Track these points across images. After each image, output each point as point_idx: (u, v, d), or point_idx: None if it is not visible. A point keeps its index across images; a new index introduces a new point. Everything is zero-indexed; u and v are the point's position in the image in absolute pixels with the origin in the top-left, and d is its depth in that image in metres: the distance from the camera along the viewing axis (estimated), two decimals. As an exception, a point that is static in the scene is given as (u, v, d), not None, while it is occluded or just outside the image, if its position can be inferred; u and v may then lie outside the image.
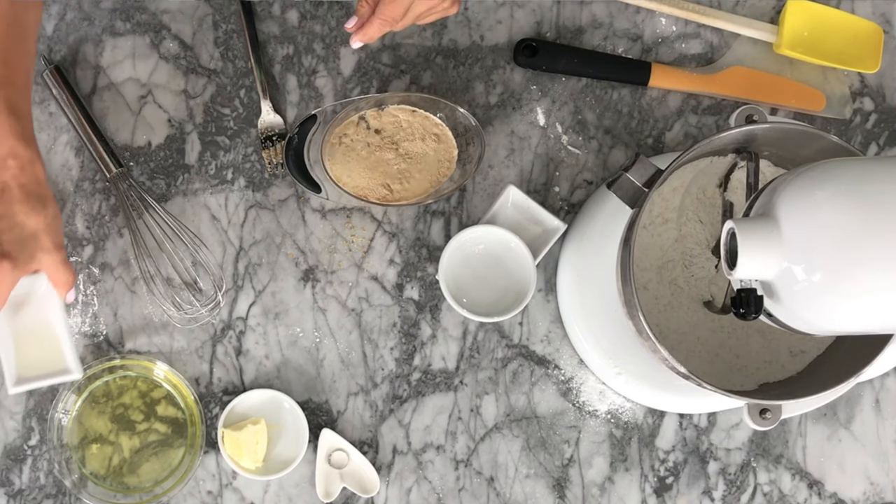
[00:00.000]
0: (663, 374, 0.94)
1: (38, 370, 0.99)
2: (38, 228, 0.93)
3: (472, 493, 1.12)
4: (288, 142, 1.09)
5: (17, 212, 0.92)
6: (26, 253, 0.92)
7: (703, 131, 1.17)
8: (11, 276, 0.91)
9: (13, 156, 0.92)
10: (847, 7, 1.19)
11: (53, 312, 0.98)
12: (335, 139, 1.10)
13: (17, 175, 0.92)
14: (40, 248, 0.93)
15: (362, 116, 1.11)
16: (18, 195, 0.92)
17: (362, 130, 1.11)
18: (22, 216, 0.92)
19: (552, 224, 1.11)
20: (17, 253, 0.91)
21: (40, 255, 0.93)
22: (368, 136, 1.10)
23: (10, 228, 0.91)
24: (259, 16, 1.14)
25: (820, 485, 1.14)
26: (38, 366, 0.99)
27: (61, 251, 0.95)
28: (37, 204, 0.93)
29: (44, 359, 0.99)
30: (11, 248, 0.91)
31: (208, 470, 1.10)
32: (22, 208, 0.92)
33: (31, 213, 0.92)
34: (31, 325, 0.99)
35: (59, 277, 0.96)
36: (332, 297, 1.12)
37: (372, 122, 1.11)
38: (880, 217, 0.75)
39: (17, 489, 1.09)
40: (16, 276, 0.92)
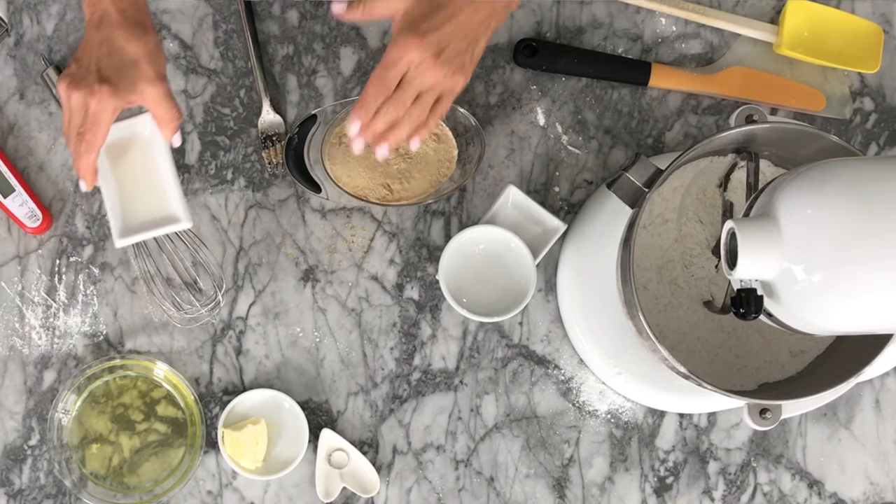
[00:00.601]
0: (663, 374, 0.94)
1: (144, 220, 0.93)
2: (139, 55, 0.89)
3: (472, 493, 1.12)
4: (288, 142, 1.09)
5: (117, 37, 0.88)
6: (126, 80, 0.89)
7: (703, 131, 1.17)
8: (112, 102, 0.88)
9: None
10: (847, 7, 1.19)
11: (159, 157, 0.93)
12: (335, 139, 1.10)
13: (117, 1, 0.89)
14: (142, 76, 0.89)
15: None
16: (117, 20, 0.88)
17: None
18: (121, 41, 0.88)
19: (552, 224, 1.11)
20: (117, 79, 0.88)
21: (142, 85, 0.89)
22: None
23: (109, 54, 0.88)
24: (259, 16, 1.14)
25: (820, 485, 1.14)
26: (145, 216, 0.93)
27: (164, 83, 0.91)
28: (137, 30, 0.89)
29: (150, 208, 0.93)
30: (111, 73, 0.88)
31: (208, 470, 1.10)
32: (121, 33, 0.88)
33: (130, 39, 0.89)
34: (135, 173, 0.93)
35: (163, 112, 0.92)
36: (332, 296, 1.12)
37: None
38: (880, 217, 0.75)
39: (17, 489, 1.09)
40: (116, 103, 0.88)
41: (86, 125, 0.89)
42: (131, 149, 0.93)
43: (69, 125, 0.90)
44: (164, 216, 0.93)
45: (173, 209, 0.93)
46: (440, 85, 0.94)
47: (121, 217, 0.93)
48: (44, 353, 1.10)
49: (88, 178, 0.91)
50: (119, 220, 0.93)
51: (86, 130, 0.89)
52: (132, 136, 0.92)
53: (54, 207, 1.12)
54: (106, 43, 0.88)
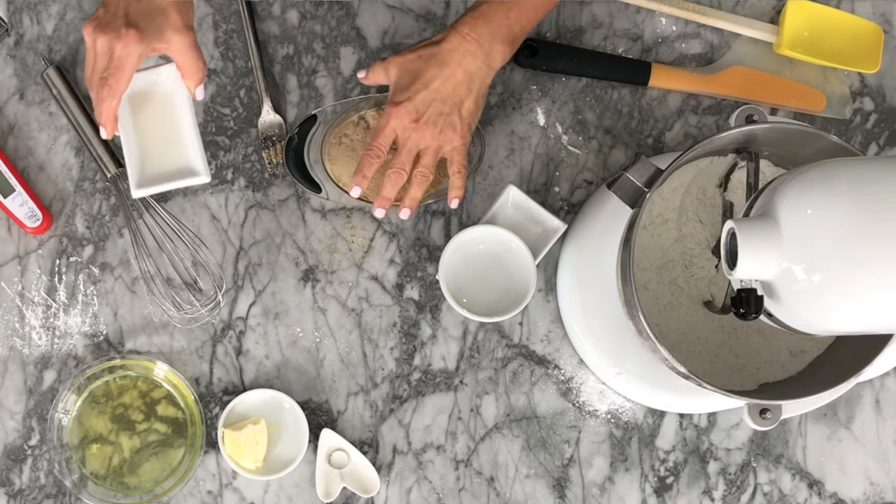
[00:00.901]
0: (663, 374, 0.94)
1: (162, 172, 0.92)
2: (168, 3, 0.89)
3: (473, 493, 1.12)
4: (288, 142, 1.09)
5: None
6: (154, 27, 0.88)
7: (703, 131, 1.17)
8: (138, 47, 0.88)
9: None
10: (847, 7, 1.19)
11: (181, 109, 0.92)
12: (335, 139, 1.10)
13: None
14: (169, 24, 0.89)
15: (362, 116, 1.11)
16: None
17: (361, 130, 1.11)
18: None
19: (552, 224, 1.11)
20: (144, 25, 0.88)
21: (169, 33, 0.89)
22: (368, 136, 1.10)
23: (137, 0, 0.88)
24: (259, 16, 1.14)
25: (820, 485, 1.14)
26: (163, 167, 0.92)
27: (191, 33, 0.91)
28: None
29: (169, 160, 0.92)
30: (139, 19, 0.88)
31: (208, 470, 1.10)
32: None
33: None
34: (156, 124, 0.92)
35: (188, 63, 0.91)
36: (332, 297, 1.12)
37: (372, 122, 1.11)
38: (880, 217, 0.75)
39: (17, 489, 1.09)
40: (142, 49, 0.88)
41: (110, 70, 0.88)
42: (153, 99, 0.92)
43: (92, 70, 0.90)
44: (183, 168, 0.92)
45: (192, 162, 0.92)
46: (433, 145, 1.04)
47: (138, 168, 0.92)
48: (44, 353, 1.10)
49: (109, 125, 0.91)
50: (137, 171, 0.92)
51: (109, 75, 0.89)
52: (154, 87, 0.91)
53: (54, 207, 1.12)
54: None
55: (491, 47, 1.03)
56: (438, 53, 1.03)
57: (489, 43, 1.03)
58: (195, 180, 0.92)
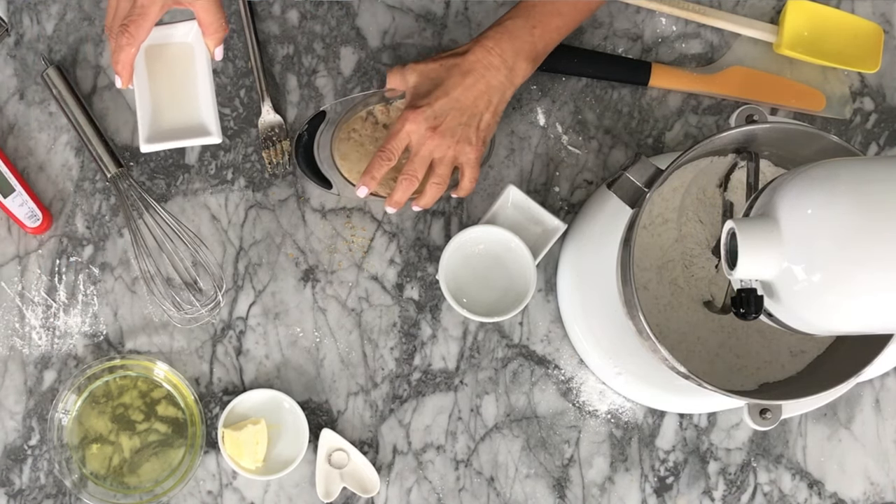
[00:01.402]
0: (663, 374, 0.94)
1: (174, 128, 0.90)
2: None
3: (473, 493, 1.12)
4: (298, 138, 1.09)
5: None
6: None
7: (703, 131, 1.17)
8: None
9: None
10: (847, 7, 1.19)
11: (199, 67, 0.90)
12: (344, 134, 1.10)
13: None
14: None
15: (370, 111, 1.11)
16: None
17: (370, 125, 1.10)
18: None
19: (552, 224, 1.11)
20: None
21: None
22: (377, 132, 1.10)
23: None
24: (259, 16, 1.14)
25: (820, 485, 1.14)
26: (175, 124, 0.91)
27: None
28: None
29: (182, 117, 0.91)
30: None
31: (208, 470, 1.10)
32: None
33: None
34: (172, 79, 0.91)
35: (210, 20, 0.90)
36: (332, 297, 1.12)
37: (380, 117, 1.11)
38: (880, 217, 0.75)
39: (17, 489, 1.09)
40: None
41: (131, 17, 0.87)
42: (171, 55, 0.90)
43: (114, 16, 0.89)
44: (195, 126, 0.90)
45: (205, 121, 0.90)
46: (448, 155, 1.03)
47: (150, 123, 0.90)
48: (44, 353, 1.10)
49: (125, 74, 0.89)
50: (148, 126, 0.90)
51: (130, 22, 0.87)
52: (173, 43, 0.89)
53: (54, 207, 1.12)
54: None
55: (514, 63, 1.02)
56: (461, 64, 1.02)
57: (513, 59, 1.02)
58: (206, 139, 0.90)
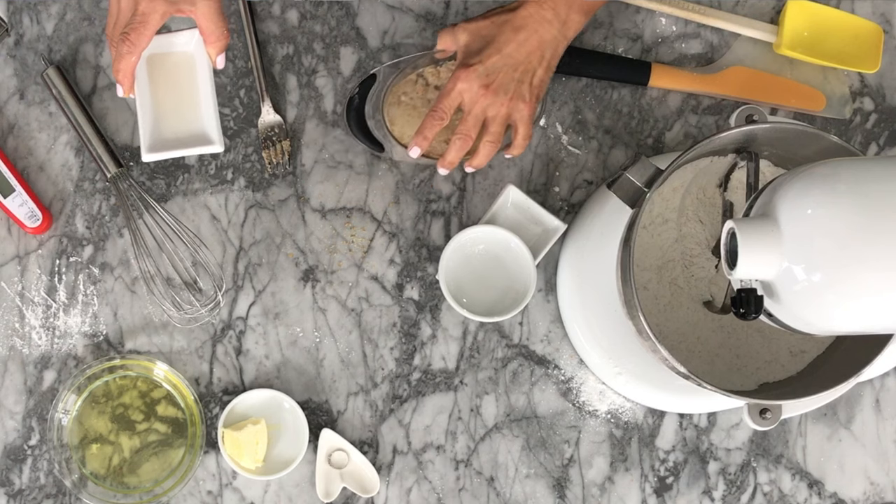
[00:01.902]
0: (663, 374, 0.94)
1: (176, 137, 0.90)
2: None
3: (473, 493, 1.12)
4: (349, 102, 1.09)
5: None
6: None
7: (703, 131, 1.17)
8: (162, 5, 0.87)
9: None
10: (847, 7, 1.19)
11: (200, 75, 0.91)
12: (394, 98, 1.09)
13: None
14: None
15: (420, 74, 1.10)
16: None
17: (420, 88, 1.10)
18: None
19: (552, 224, 1.11)
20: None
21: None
22: (428, 93, 1.10)
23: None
24: (259, 16, 1.14)
25: (820, 485, 1.14)
26: (177, 133, 0.91)
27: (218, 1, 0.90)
28: None
29: (184, 126, 0.91)
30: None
31: (208, 470, 1.10)
32: None
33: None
34: (173, 88, 0.91)
35: (212, 28, 0.90)
36: (332, 297, 1.13)
37: (430, 79, 1.10)
38: (880, 217, 0.75)
39: (17, 489, 1.09)
40: (167, 7, 0.87)
41: (132, 24, 0.87)
42: (172, 64, 0.91)
43: (115, 24, 0.88)
44: (197, 135, 0.90)
45: (207, 129, 0.90)
46: (501, 113, 1.01)
47: (151, 131, 0.90)
48: (44, 353, 1.10)
49: (126, 82, 0.89)
50: (149, 135, 0.90)
51: (131, 30, 0.87)
52: (175, 51, 0.90)
53: (54, 207, 1.12)
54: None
55: (567, 16, 1.00)
56: (513, 19, 1.00)
57: (566, 12, 1.00)
58: (209, 148, 0.90)
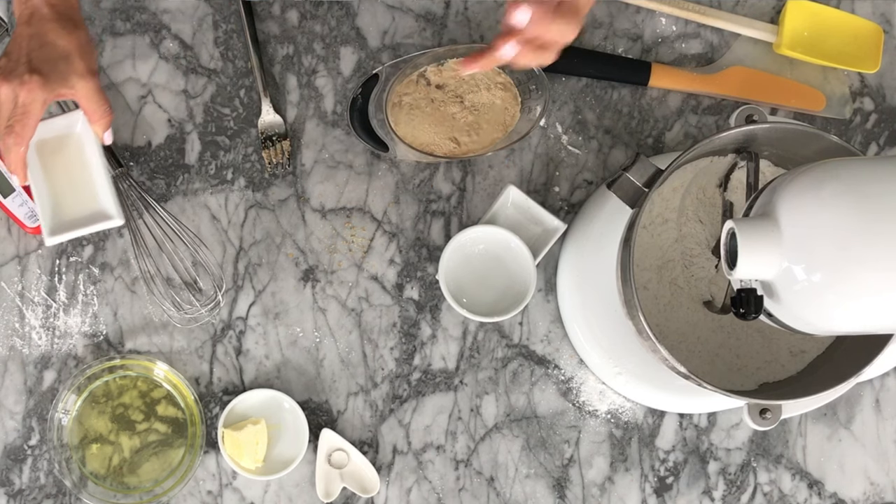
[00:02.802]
0: (663, 374, 0.94)
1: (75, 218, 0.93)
2: (70, 49, 0.89)
3: (473, 493, 1.12)
4: (352, 102, 1.09)
5: (48, 31, 0.88)
6: (57, 73, 0.88)
7: (703, 131, 1.17)
8: (42, 93, 0.88)
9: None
10: (847, 7, 1.19)
11: (91, 154, 0.93)
12: (396, 98, 1.10)
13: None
14: (73, 70, 0.89)
15: (422, 73, 1.10)
16: (48, 14, 0.88)
17: (423, 87, 1.10)
18: (52, 35, 0.88)
19: (552, 224, 1.11)
20: (47, 71, 0.88)
21: (73, 79, 0.89)
22: (431, 93, 1.10)
23: (40, 47, 0.88)
24: (259, 16, 1.14)
25: (820, 485, 1.14)
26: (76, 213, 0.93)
27: (95, 78, 0.91)
28: (68, 24, 0.89)
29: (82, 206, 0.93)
30: (42, 65, 0.88)
31: (208, 470, 1.10)
32: (52, 27, 0.88)
33: (61, 34, 0.89)
34: (66, 171, 0.93)
35: (94, 107, 0.92)
36: (332, 297, 1.13)
37: (433, 77, 1.10)
38: (880, 217, 0.75)
39: (17, 489, 1.09)
40: (46, 94, 0.88)
41: (15, 116, 0.88)
42: (64, 146, 0.93)
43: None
44: (95, 213, 0.93)
45: (104, 206, 0.93)
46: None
47: (51, 215, 0.93)
48: (44, 353, 1.10)
49: (20, 172, 0.90)
50: (49, 218, 0.93)
51: (15, 122, 0.88)
52: (65, 134, 0.92)
53: (54, 207, 1.12)
54: (37, 37, 0.88)
55: None
56: None
57: None
58: (108, 224, 0.93)
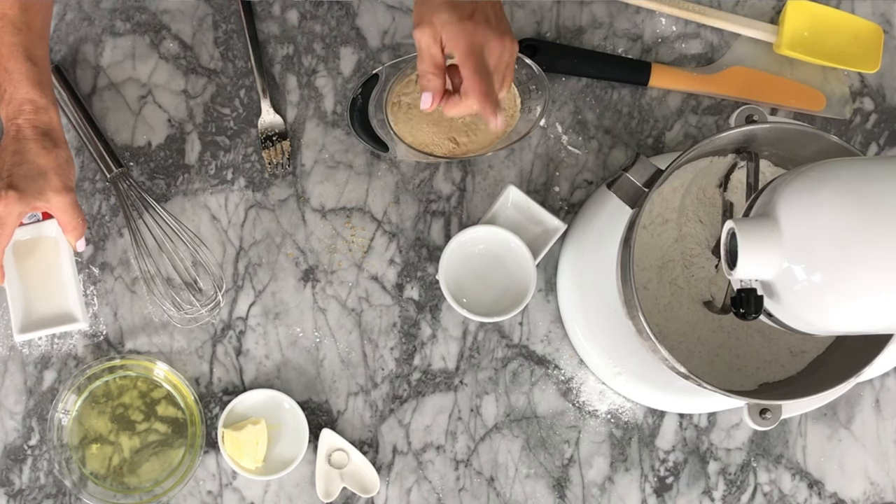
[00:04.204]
0: (663, 374, 0.94)
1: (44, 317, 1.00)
2: (48, 167, 0.94)
3: (473, 493, 1.12)
4: (352, 103, 1.09)
5: (29, 150, 0.94)
6: (34, 188, 0.94)
7: (703, 131, 1.17)
8: (18, 206, 0.93)
9: (29, 101, 0.95)
10: (847, 7, 1.19)
11: (63, 260, 0.99)
12: (395, 98, 1.10)
13: (32, 119, 0.95)
14: (49, 186, 0.95)
15: None
16: (31, 135, 0.94)
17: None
18: (33, 154, 0.94)
19: (552, 224, 1.11)
20: (24, 186, 0.93)
21: (49, 194, 0.95)
22: None
23: (19, 164, 0.93)
24: (259, 16, 1.14)
25: (820, 485, 1.14)
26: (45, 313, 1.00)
27: (71, 193, 0.96)
28: (48, 144, 0.95)
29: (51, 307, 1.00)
30: (19, 181, 0.93)
31: (208, 470, 1.10)
32: (34, 147, 0.94)
33: (41, 153, 0.94)
34: (39, 273, 0.99)
35: (68, 220, 0.97)
36: (332, 297, 1.12)
37: None
38: (880, 217, 0.75)
39: (17, 489, 1.09)
40: (22, 208, 0.93)
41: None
42: (38, 249, 1.00)
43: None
44: (63, 315, 1.01)
45: (71, 309, 1.01)
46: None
47: (22, 314, 1.00)
48: (44, 353, 1.10)
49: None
50: (21, 316, 1.00)
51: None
52: (39, 237, 1.00)
53: (54, 207, 1.12)
54: (18, 154, 0.94)
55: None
56: None
57: None
58: (74, 326, 1.01)
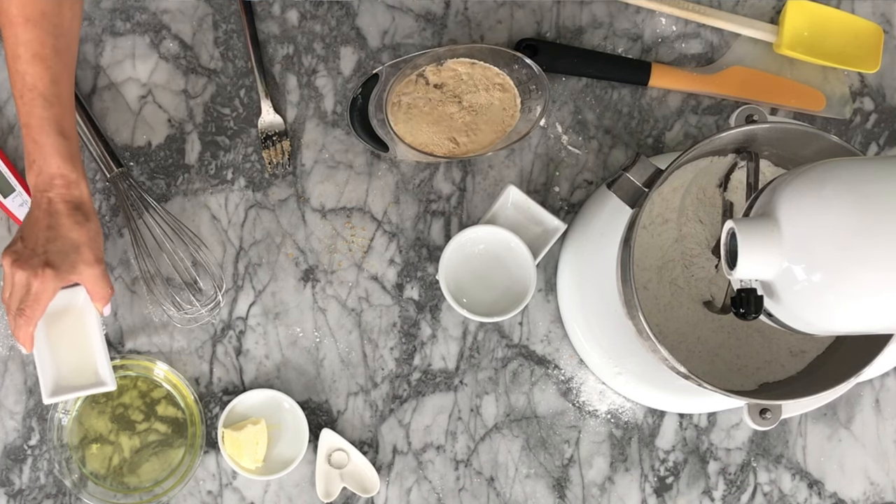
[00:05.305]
0: (663, 374, 0.94)
1: (72, 381, 1.03)
2: (81, 242, 0.98)
3: (473, 493, 1.12)
4: (352, 103, 1.09)
5: (62, 225, 0.97)
6: (68, 263, 0.97)
7: (703, 131, 1.17)
8: (53, 283, 0.97)
9: (60, 176, 0.97)
10: (847, 7, 1.19)
11: (90, 324, 1.02)
12: (395, 97, 1.10)
13: (64, 193, 0.97)
14: (82, 260, 0.98)
15: (420, 73, 1.10)
16: (63, 209, 0.97)
17: (421, 87, 1.10)
18: (65, 229, 0.97)
19: (552, 224, 1.11)
20: (59, 262, 0.97)
21: (81, 267, 0.98)
22: (429, 92, 1.10)
23: (53, 239, 0.97)
24: (259, 16, 1.14)
25: (820, 485, 1.14)
26: (73, 376, 1.03)
27: (101, 265, 1.00)
28: (80, 218, 0.98)
29: (79, 370, 1.03)
30: (55, 258, 0.97)
31: (208, 470, 1.10)
32: (66, 222, 0.97)
33: (74, 227, 0.97)
34: (68, 337, 1.02)
35: (98, 290, 1.01)
36: (332, 297, 1.12)
37: (431, 77, 1.10)
38: (880, 217, 0.75)
39: (17, 489, 1.09)
40: (57, 284, 0.97)
41: (27, 302, 0.97)
42: (67, 315, 1.02)
43: (10, 297, 0.98)
44: (92, 380, 1.03)
45: (101, 373, 1.03)
46: None
47: (52, 377, 1.02)
48: (44, 353, 1.10)
49: (27, 345, 1.00)
50: (50, 380, 1.02)
51: (26, 307, 0.97)
52: (68, 304, 1.02)
53: (54, 207, 1.12)
54: (52, 229, 0.97)
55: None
56: None
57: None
58: (101, 389, 1.02)
